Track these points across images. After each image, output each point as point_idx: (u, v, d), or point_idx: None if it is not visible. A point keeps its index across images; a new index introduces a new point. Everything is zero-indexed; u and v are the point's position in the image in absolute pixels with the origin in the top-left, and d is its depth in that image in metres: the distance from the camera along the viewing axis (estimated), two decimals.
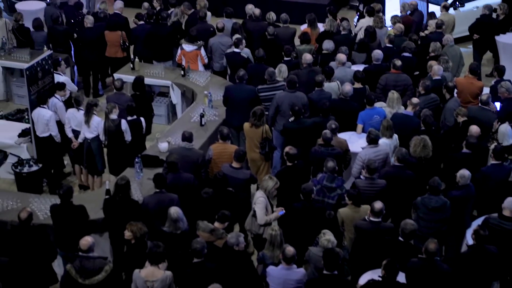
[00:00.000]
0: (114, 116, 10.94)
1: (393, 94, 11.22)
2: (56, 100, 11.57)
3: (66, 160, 12.06)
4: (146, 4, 14.68)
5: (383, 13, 15.02)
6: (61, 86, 11.71)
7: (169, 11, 14.46)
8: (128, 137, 10.99)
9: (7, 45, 13.98)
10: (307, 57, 12.27)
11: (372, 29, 13.44)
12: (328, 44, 12.88)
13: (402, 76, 11.90)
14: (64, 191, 9.08)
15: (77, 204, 9.17)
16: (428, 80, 11.67)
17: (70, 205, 9.11)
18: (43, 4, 16.30)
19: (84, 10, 15.41)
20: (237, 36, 13.10)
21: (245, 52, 12.84)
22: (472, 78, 12.02)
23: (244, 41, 12.87)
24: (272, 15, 14.03)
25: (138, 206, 9.24)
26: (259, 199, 9.27)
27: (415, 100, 11.02)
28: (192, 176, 9.71)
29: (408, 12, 14.61)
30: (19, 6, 16.45)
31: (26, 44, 14.13)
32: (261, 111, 10.80)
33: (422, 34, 13.94)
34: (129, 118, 11.09)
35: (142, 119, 11.23)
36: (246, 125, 10.91)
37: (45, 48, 13.40)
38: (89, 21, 13.95)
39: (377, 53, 12.43)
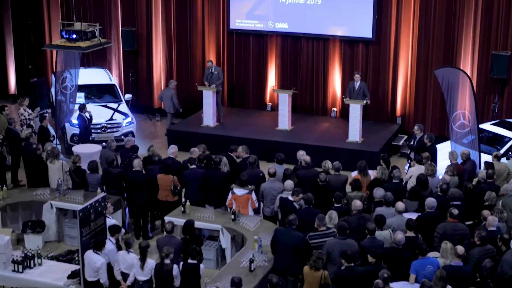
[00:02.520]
0: (167, 260, 10.89)
1: (447, 245, 11.03)
2: (109, 243, 11.62)
3: None
4: (195, 150, 14.93)
5: (435, 162, 15.03)
6: (117, 229, 11.80)
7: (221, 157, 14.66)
8: (177, 282, 10.88)
9: (62, 186, 14.29)
10: (357, 204, 12.22)
11: (424, 177, 13.42)
12: (379, 192, 12.85)
13: (459, 225, 11.76)
14: None
15: None
16: (483, 231, 11.46)
17: None
18: (99, 147, 16.76)
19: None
20: (296, 187, 13.12)
21: (299, 203, 12.83)
22: None
23: (301, 194, 12.86)
24: (328, 164, 14.14)
25: None
26: None
27: (460, 250, 10.80)
28: None
29: (460, 161, 14.61)
30: (76, 148, 16.94)
31: (80, 185, 14.40)
32: (319, 254, 10.67)
33: (472, 184, 13.85)
34: (189, 261, 11.01)
35: (202, 265, 11.15)
36: (306, 268, 10.78)
37: (99, 190, 13.65)
38: (137, 164, 14.20)
39: (431, 201, 12.33)
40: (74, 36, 15.07)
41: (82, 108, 17.74)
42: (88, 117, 17.76)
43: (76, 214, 11.71)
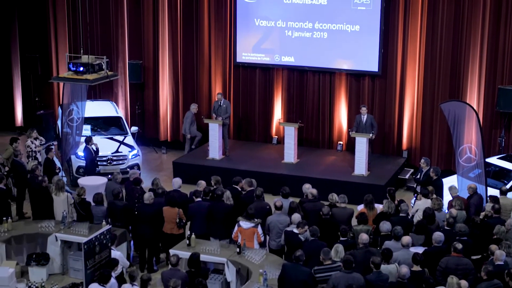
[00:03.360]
0: None
1: (452, 279, 10.93)
2: None
3: None
4: (202, 182, 14.91)
5: (441, 196, 14.97)
6: (114, 262, 11.72)
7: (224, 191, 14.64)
8: None
9: (67, 218, 14.26)
10: (364, 237, 12.16)
11: (431, 211, 13.36)
12: (385, 226, 12.79)
13: (463, 260, 11.64)
14: None
15: None
16: (490, 265, 11.36)
17: None
18: (105, 180, 16.76)
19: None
20: (301, 220, 13.07)
21: (305, 235, 12.77)
22: None
23: (306, 226, 12.81)
24: (334, 196, 14.11)
25: None
26: None
27: (464, 285, 10.70)
28: None
29: (467, 196, 14.56)
30: (81, 181, 16.95)
31: (85, 218, 14.37)
32: None
33: (479, 217, 13.78)
34: None
35: None
36: None
37: (104, 222, 13.62)
38: (148, 197, 14.18)
39: (438, 235, 12.26)
40: (81, 68, 15.15)
41: (89, 140, 17.78)
42: (95, 149, 17.79)
43: (81, 246, 11.69)
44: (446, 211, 14.11)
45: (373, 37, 19.08)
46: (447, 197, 15.07)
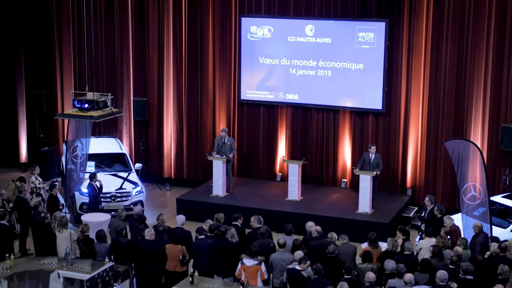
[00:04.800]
0: None
1: None
2: None
3: None
4: (208, 221, 14.85)
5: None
6: None
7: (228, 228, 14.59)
8: None
9: (70, 255, 14.19)
10: (370, 276, 12.09)
11: (438, 249, 13.29)
12: (390, 264, 12.71)
13: None
14: None
15: None
16: None
17: None
18: (108, 216, 16.73)
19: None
20: (302, 256, 13.01)
21: (307, 272, 12.70)
22: None
23: (308, 262, 12.75)
24: (334, 235, 14.05)
25: None
26: None
27: None
28: None
29: (473, 234, 14.49)
30: (85, 217, 16.91)
31: (88, 255, 14.31)
32: None
33: (483, 256, 13.69)
34: None
35: None
36: None
37: (107, 259, 13.55)
38: (149, 233, 14.13)
39: (442, 274, 12.15)
40: (86, 105, 15.22)
41: (93, 177, 17.79)
42: (98, 186, 17.79)
43: (83, 283, 11.63)
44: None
45: (377, 75, 19.16)
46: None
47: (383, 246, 14.11)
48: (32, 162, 21.03)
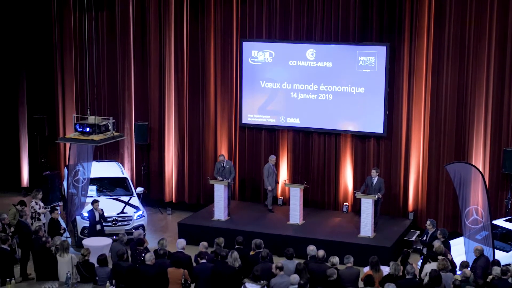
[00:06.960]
0: None
1: None
2: None
3: None
4: (205, 243, 14.79)
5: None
6: None
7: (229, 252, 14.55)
8: None
9: (71, 279, 14.14)
10: None
11: (436, 273, 13.21)
12: None
13: None
14: None
15: None
16: None
17: None
18: (110, 240, 16.68)
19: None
20: (298, 279, 12.96)
21: None
22: None
23: (308, 286, 12.69)
24: (335, 259, 13.99)
25: None
26: None
27: None
28: None
29: (474, 257, 14.43)
30: (86, 241, 16.87)
31: (89, 279, 14.25)
32: None
33: (482, 280, 13.65)
34: None
35: None
36: None
37: (108, 284, 13.49)
38: (149, 258, 14.08)
39: None
40: (88, 129, 15.25)
41: (94, 203, 17.78)
42: (100, 213, 17.76)
43: None
44: (459, 272, 13.96)
45: (378, 99, 19.20)
46: (455, 259, 14.91)
47: (385, 270, 14.05)
48: (34, 186, 21.03)
